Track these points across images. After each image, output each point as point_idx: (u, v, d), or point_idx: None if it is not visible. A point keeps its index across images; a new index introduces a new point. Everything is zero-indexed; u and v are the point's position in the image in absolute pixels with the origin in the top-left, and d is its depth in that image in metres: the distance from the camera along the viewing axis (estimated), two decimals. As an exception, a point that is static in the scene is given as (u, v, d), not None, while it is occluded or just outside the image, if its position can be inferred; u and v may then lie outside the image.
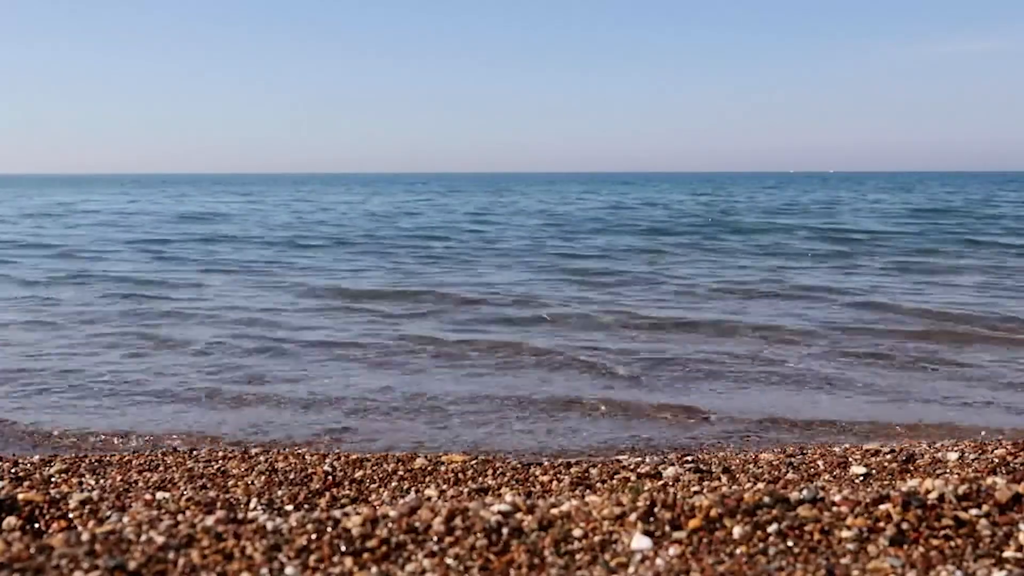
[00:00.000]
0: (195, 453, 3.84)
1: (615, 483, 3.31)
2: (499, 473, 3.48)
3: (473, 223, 21.87)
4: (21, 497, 2.70)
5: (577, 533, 1.93)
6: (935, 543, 1.89)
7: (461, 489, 3.28)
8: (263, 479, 3.37)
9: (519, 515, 2.01)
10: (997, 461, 3.51)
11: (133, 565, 1.71)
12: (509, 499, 2.15)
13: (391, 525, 1.93)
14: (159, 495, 3.05)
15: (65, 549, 1.77)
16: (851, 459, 3.66)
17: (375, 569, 1.77)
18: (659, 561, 1.81)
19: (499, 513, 2.00)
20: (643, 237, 17.31)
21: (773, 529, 1.93)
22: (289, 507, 3.02)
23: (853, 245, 15.31)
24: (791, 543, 1.88)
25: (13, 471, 3.45)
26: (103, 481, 3.34)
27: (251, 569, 1.74)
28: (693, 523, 1.96)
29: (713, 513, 1.99)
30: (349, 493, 3.22)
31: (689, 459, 3.70)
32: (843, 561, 1.80)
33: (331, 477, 3.39)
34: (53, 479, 3.36)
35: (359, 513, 2.00)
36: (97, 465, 3.60)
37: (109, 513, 2.74)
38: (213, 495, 3.07)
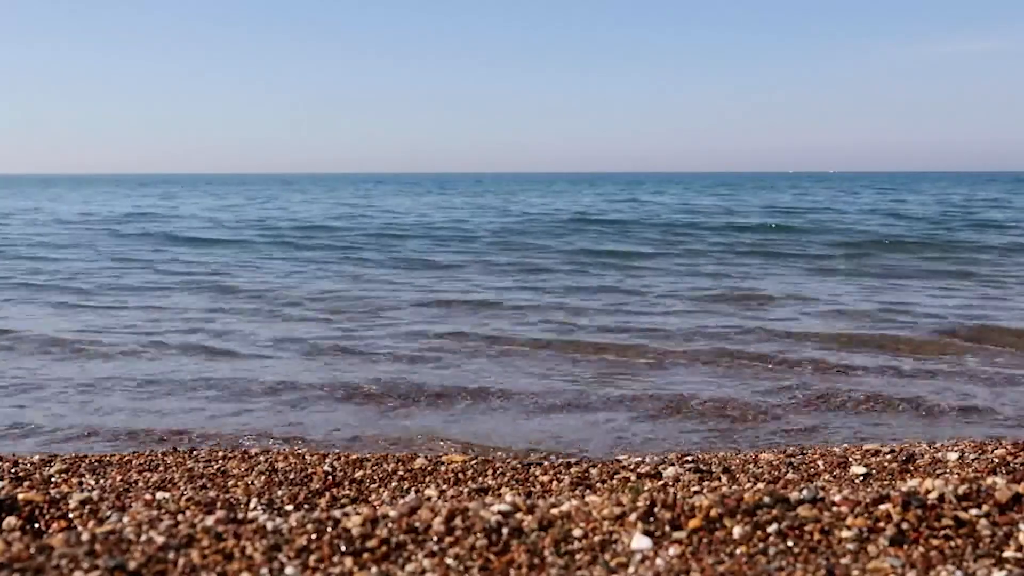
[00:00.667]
0: (195, 453, 3.84)
1: (615, 483, 3.31)
2: (499, 473, 3.48)
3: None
4: (21, 497, 2.70)
5: (577, 533, 1.93)
6: (935, 543, 1.88)
7: (461, 489, 3.28)
8: (263, 479, 3.37)
9: (519, 515, 2.01)
10: (997, 461, 3.51)
11: (133, 565, 1.71)
12: (509, 499, 2.15)
13: (391, 525, 1.93)
14: (159, 495, 3.05)
15: (65, 549, 1.77)
16: (851, 459, 3.67)
17: (375, 569, 1.77)
18: (659, 561, 1.81)
19: (499, 513, 2.00)
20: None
21: (773, 529, 1.93)
22: (289, 507, 3.02)
23: None
24: (791, 543, 1.88)
25: (13, 471, 3.45)
26: (103, 481, 3.34)
27: (251, 569, 1.74)
28: (693, 523, 1.96)
29: (713, 513, 1.99)
30: (349, 493, 3.22)
31: (689, 459, 3.70)
32: (843, 561, 1.80)
33: (331, 477, 3.40)
34: (53, 479, 3.36)
35: (359, 513, 2.00)
36: (97, 465, 3.60)
37: (109, 513, 2.74)
38: (213, 495, 3.07)
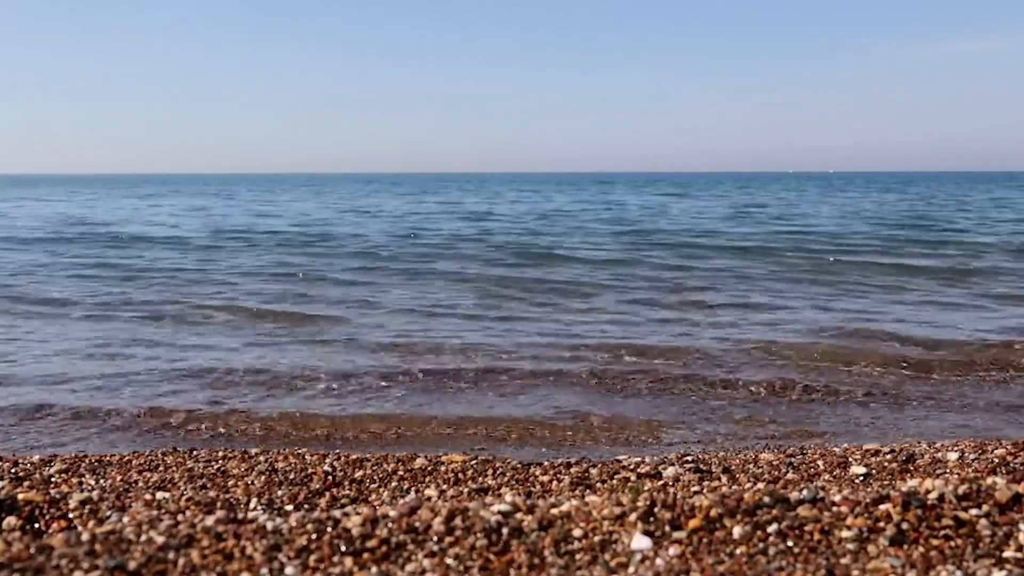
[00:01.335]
0: (195, 453, 3.84)
1: (615, 483, 3.31)
2: (499, 473, 3.47)
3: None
4: (21, 497, 2.70)
5: (577, 533, 1.93)
6: (935, 543, 1.88)
7: (461, 489, 3.28)
8: (263, 479, 3.37)
9: (519, 515, 2.01)
10: (997, 461, 3.51)
11: (133, 565, 1.71)
12: (509, 499, 2.15)
13: (391, 525, 1.93)
14: (159, 495, 3.05)
15: (65, 549, 1.77)
16: (851, 459, 3.67)
17: (375, 569, 1.77)
18: (659, 561, 1.81)
19: (499, 513, 2.00)
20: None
21: (773, 529, 1.93)
22: (289, 507, 3.02)
23: None
24: (791, 543, 1.88)
25: (13, 471, 3.45)
26: (103, 481, 3.34)
27: (251, 569, 1.74)
28: (693, 523, 1.96)
29: (713, 513, 1.99)
30: (349, 493, 3.22)
31: (689, 459, 3.70)
32: (843, 561, 1.80)
33: (331, 477, 3.39)
34: (53, 479, 3.36)
35: (359, 513, 2.00)
36: (97, 465, 3.60)
37: (109, 513, 2.74)
38: (213, 495, 3.07)
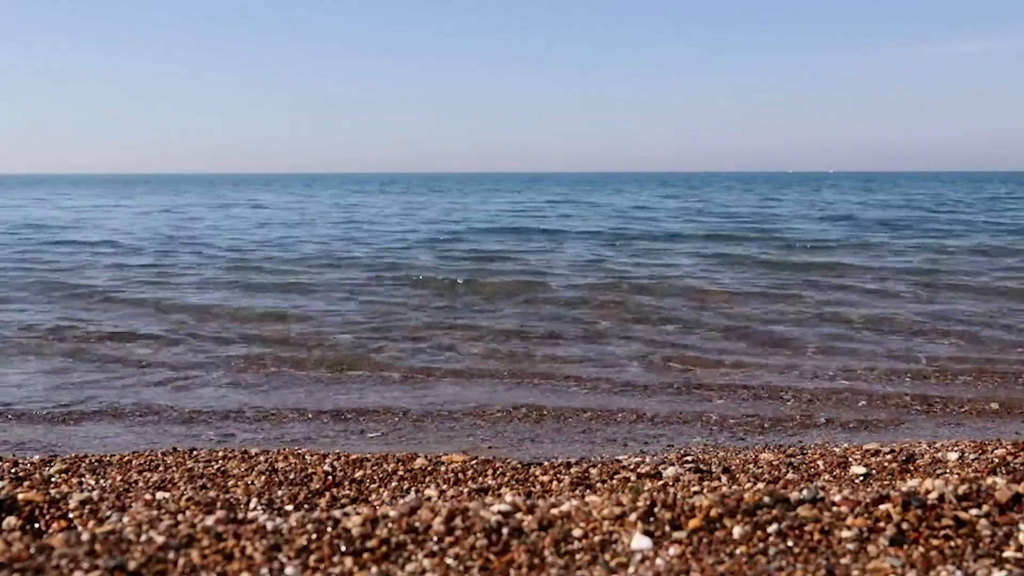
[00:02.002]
0: (195, 453, 3.84)
1: (615, 483, 3.31)
2: (499, 473, 3.47)
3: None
4: (21, 497, 2.70)
5: (577, 533, 1.93)
6: (935, 543, 1.88)
7: (461, 489, 3.28)
8: (263, 479, 3.37)
9: (519, 515, 2.01)
10: (997, 461, 3.51)
11: (133, 565, 1.71)
12: (509, 499, 2.14)
13: (391, 525, 1.93)
14: (159, 495, 3.05)
15: (65, 549, 1.77)
16: (851, 459, 3.67)
17: (375, 569, 1.77)
18: (659, 561, 1.81)
19: (499, 513, 2.00)
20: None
21: (773, 529, 1.93)
22: (289, 507, 3.02)
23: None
24: (791, 543, 1.88)
25: (13, 471, 3.45)
26: (103, 481, 3.34)
27: (251, 569, 1.74)
28: (693, 523, 1.96)
29: (713, 513, 1.99)
30: (349, 493, 3.22)
31: (689, 459, 3.70)
32: (843, 561, 1.80)
33: (331, 477, 3.39)
34: (53, 479, 3.36)
35: (359, 513, 2.00)
36: (97, 465, 3.60)
37: (109, 513, 2.74)
38: (213, 495, 3.07)
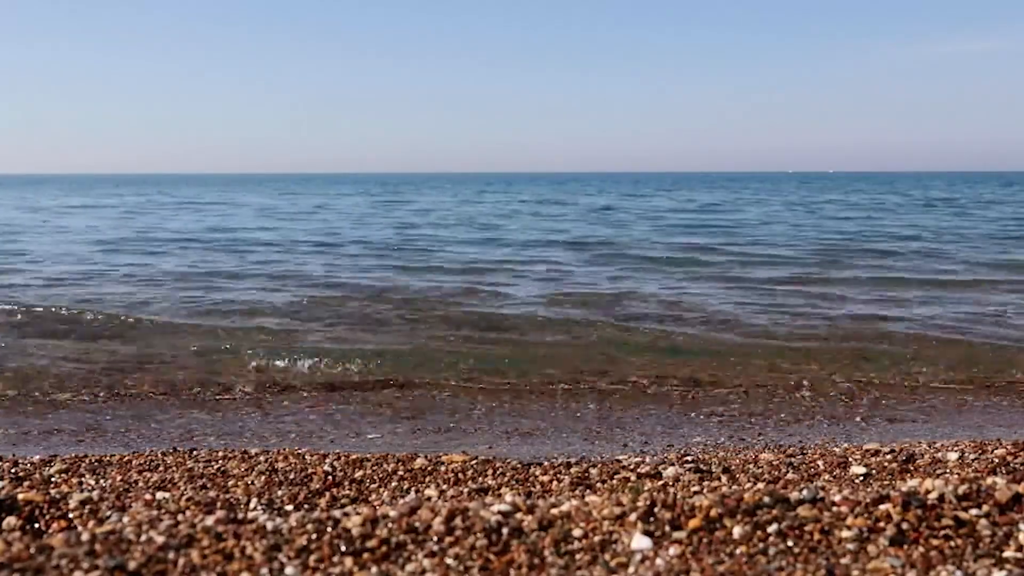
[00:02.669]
0: (195, 453, 3.84)
1: (615, 483, 3.31)
2: (499, 473, 3.47)
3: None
4: (21, 497, 2.70)
5: (577, 533, 1.93)
6: (935, 543, 1.88)
7: (461, 489, 3.28)
8: (263, 479, 3.37)
9: (519, 515, 2.01)
10: (997, 461, 3.51)
11: (133, 565, 1.71)
12: (509, 499, 2.14)
13: (391, 525, 1.93)
14: (159, 495, 3.05)
15: (65, 549, 1.77)
16: (851, 459, 3.66)
17: (375, 569, 1.77)
18: (659, 561, 1.81)
19: (499, 513, 2.00)
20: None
21: (773, 529, 1.93)
22: (289, 507, 3.02)
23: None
24: (791, 543, 1.88)
25: (13, 471, 3.45)
26: (103, 481, 3.34)
27: (251, 569, 1.74)
28: (693, 523, 1.96)
29: (713, 513, 1.99)
30: (349, 493, 3.22)
31: (689, 459, 3.69)
32: (843, 561, 1.80)
33: (331, 477, 3.39)
34: (53, 479, 3.36)
35: (359, 513, 2.00)
36: (97, 465, 3.60)
37: (109, 513, 2.74)
38: (213, 495, 3.07)
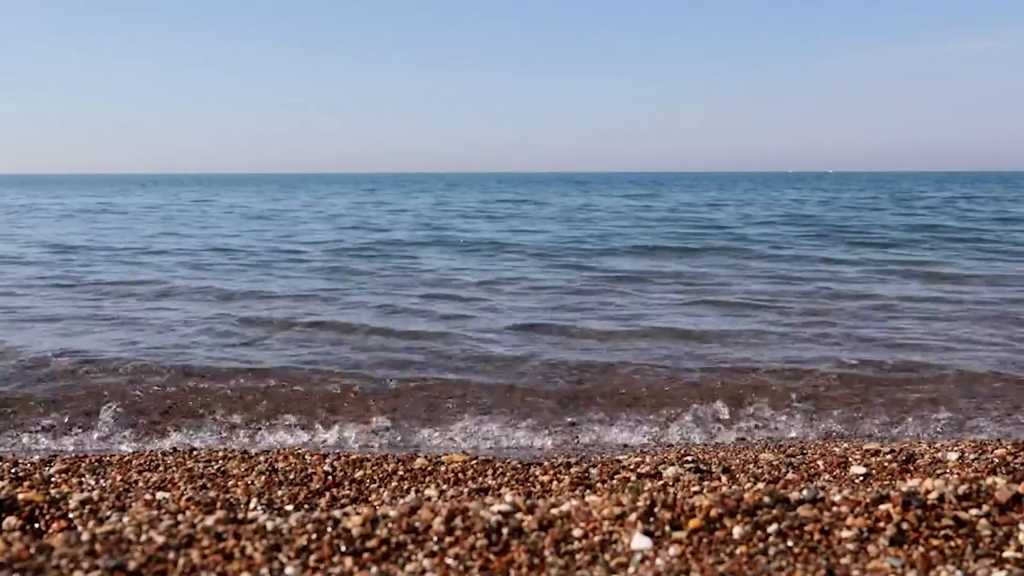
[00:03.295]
0: (195, 453, 3.84)
1: (615, 483, 3.31)
2: (499, 473, 3.47)
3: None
4: (21, 497, 2.70)
5: (577, 533, 1.93)
6: (935, 543, 1.88)
7: (461, 489, 3.28)
8: (263, 479, 3.37)
9: (519, 515, 2.01)
10: (997, 461, 3.51)
11: (133, 565, 1.71)
12: (509, 499, 2.14)
13: (391, 525, 1.93)
14: (159, 495, 3.05)
15: (65, 549, 1.77)
16: (851, 459, 3.67)
17: (375, 569, 1.77)
18: (659, 561, 1.81)
19: (499, 513, 2.00)
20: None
21: (773, 529, 1.93)
22: (289, 507, 3.02)
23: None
24: (791, 543, 1.88)
25: (13, 471, 3.45)
26: (103, 481, 3.34)
27: (251, 569, 1.74)
28: (693, 523, 1.96)
29: (713, 513, 1.99)
30: (349, 493, 3.22)
31: (689, 459, 3.69)
32: (843, 561, 1.80)
33: (331, 477, 3.39)
34: (53, 479, 3.36)
35: (359, 513, 2.00)
36: (97, 465, 3.60)
37: (109, 513, 2.74)
38: (213, 495, 3.07)
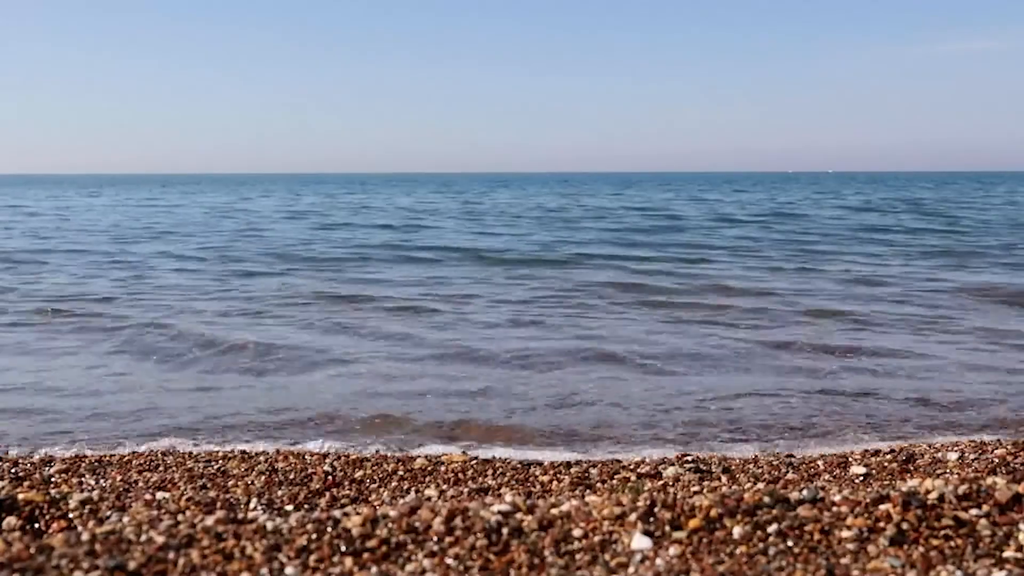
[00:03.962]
0: (195, 453, 3.84)
1: (615, 483, 3.31)
2: (499, 473, 3.47)
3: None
4: (21, 497, 2.70)
5: (577, 533, 1.93)
6: (935, 543, 1.88)
7: (461, 489, 3.28)
8: (263, 479, 3.37)
9: (519, 515, 2.01)
10: (997, 461, 3.51)
11: (133, 565, 1.71)
12: (509, 499, 2.14)
13: (391, 525, 1.93)
14: (159, 495, 3.05)
15: (65, 549, 1.77)
16: (851, 459, 3.67)
17: (375, 569, 1.77)
18: (659, 561, 1.81)
19: (499, 513, 2.00)
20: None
21: (773, 529, 1.93)
22: (289, 507, 3.02)
23: None
24: (791, 543, 1.88)
25: (13, 471, 3.45)
26: (103, 481, 3.34)
27: (251, 569, 1.74)
28: (693, 523, 1.96)
29: (713, 513, 1.99)
30: (349, 493, 3.22)
31: (689, 459, 3.69)
32: (843, 561, 1.80)
33: (331, 477, 3.39)
34: (53, 479, 3.36)
35: (359, 513, 2.00)
36: (97, 465, 3.60)
37: (109, 513, 2.74)
38: (213, 495, 3.07)
